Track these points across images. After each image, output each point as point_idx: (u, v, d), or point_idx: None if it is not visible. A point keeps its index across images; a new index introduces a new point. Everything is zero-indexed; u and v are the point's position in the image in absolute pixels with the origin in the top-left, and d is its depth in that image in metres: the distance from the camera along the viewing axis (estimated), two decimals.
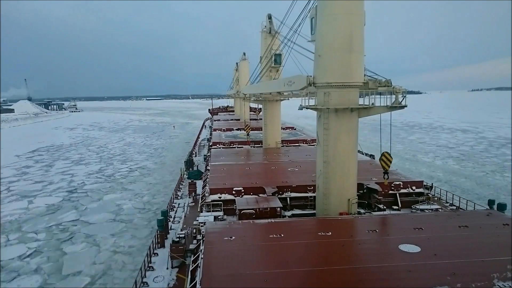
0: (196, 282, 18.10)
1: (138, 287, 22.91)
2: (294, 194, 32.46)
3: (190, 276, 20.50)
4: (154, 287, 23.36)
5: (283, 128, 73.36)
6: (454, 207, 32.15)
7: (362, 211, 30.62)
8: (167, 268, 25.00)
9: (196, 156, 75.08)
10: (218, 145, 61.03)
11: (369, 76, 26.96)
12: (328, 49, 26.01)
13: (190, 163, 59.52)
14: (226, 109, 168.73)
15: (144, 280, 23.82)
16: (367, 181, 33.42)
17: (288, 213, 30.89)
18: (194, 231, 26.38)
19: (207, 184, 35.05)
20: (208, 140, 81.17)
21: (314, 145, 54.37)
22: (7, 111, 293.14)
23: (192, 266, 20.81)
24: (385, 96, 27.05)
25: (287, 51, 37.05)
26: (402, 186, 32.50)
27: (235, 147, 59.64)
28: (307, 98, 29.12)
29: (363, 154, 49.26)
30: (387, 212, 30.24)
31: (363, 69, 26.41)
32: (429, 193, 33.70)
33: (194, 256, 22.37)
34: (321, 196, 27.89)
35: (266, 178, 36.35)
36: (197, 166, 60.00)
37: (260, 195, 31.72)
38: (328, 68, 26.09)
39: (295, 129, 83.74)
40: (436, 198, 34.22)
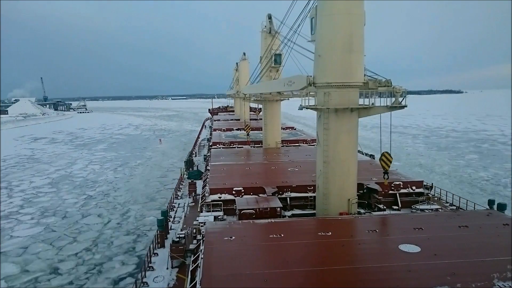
0: (196, 282, 18.10)
1: (138, 287, 22.92)
2: (294, 194, 32.45)
3: (190, 276, 20.50)
4: (154, 287, 23.36)
5: (283, 128, 73.35)
6: (454, 207, 32.14)
7: (362, 211, 30.61)
8: (167, 268, 25.00)
9: (196, 156, 75.16)
10: (218, 145, 61.04)
11: (369, 76, 26.96)
12: (328, 49, 26.01)
13: (190, 163, 59.57)
14: (226, 109, 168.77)
15: (144, 280, 23.82)
16: (367, 181, 33.41)
17: (288, 213, 30.88)
18: (194, 231, 26.38)
19: (207, 184, 35.05)
20: (208, 140, 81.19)
21: (314, 145, 54.35)
22: None
23: (192, 266, 20.81)
24: (386, 97, 27.06)
25: (287, 51, 37.07)
26: (402, 186, 32.49)
27: (235, 147, 59.64)
28: (306, 98, 29.12)
29: (363, 154, 49.26)
30: (387, 212, 30.23)
31: (363, 69, 26.41)
32: (429, 193, 33.69)
33: (194, 256, 22.37)
34: (321, 196, 27.88)
35: (266, 178, 36.35)
36: (197, 166, 60.03)
37: (260, 195, 31.71)
38: (328, 68, 26.09)
39: (295, 129, 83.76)
40: (436, 198, 34.21)
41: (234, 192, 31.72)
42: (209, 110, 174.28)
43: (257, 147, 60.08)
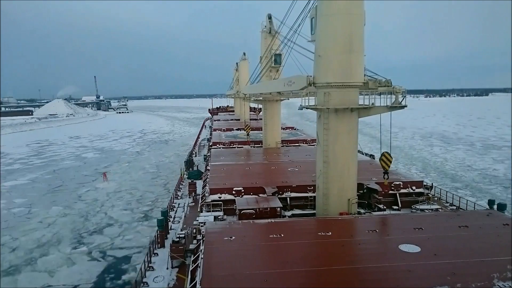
0: (196, 282, 18.10)
1: (138, 287, 22.91)
2: (294, 194, 32.45)
3: (190, 276, 20.50)
4: (154, 287, 23.35)
5: (283, 128, 73.36)
6: (454, 207, 32.14)
7: (362, 211, 30.61)
8: (167, 268, 24.98)
9: (196, 156, 75.14)
10: (218, 145, 61.05)
11: (369, 76, 26.96)
12: (328, 49, 26.00)
13: (190, 163, 59.57)
14: (226, 109, 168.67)
15: (144, 280, 23.80)
16: (367, 181, 33.41)
17: (288, 213, 30.88)
18: (194, 231, 26.38)
19: (207, 184, 35.05)
20: (208, 140, 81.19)
21: (314, 145, 54.35)
22: (22, 113, 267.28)
23: (192, 266, 20.81)
24: (386, 96, 27.03)
25: (287, 51, 37.06)
26: (402, 186, 32.49)
27: (235, 147, 59.65)
28: (306, 98, 29.11)
29: (363, 154, 49.26)
30: (387, 212, 30.23)
31: (363, 69, 26.41)
32: (429, 193, 33.69)
33: (194, 256, 22.36)
34: (321, 196, 27.88)
35: (266, 178, 36.35)
36: (197, 166, 60.02)
37: (260, 195, 31.71)
38: (328, 68, 26.08)
39: (295, 129, 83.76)
40: (436, 198, 34.21)
41: (234, 192, 31.72)
42: (209, 110, 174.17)
43: (257, 147, 60.08)
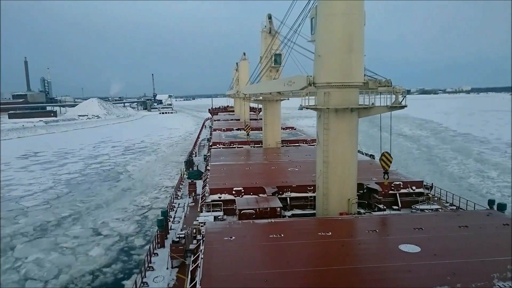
0: (196, 282, 18.10)
1: (138, 287, 22.91)
2: (294, 194, 32.44)
3: (190, 276, 20.50)
4: (154, 287, 23.36)
5: (283, 128, 73.36)
6: (454, 207, 32.12)
7: (362, 211, 30.61)
8: (167, 268, 24.98)
9: (196, 156, 75.09)
10: (218, 145, 61.03)
11: (369, 76, 26.97)
12: (328, 49, 26.00)
13: (190, 163, 59.55)
14: (226, 109, 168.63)
15: (144, 280, 23.80)
16: (367, 181, 33.40)
17: (288, 213, 30.88)
18: (194, 231, 26.39)
19: (207, 184, 35.03)
20: (208, 140, 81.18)
21: (314, 145, 54.34)
22: (43, 115, 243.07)
23: (192, 266, 20.81)
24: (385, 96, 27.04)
25: (287, 51, 37.03)
26: (402, 186, 32.48)
27: (235, 147, 59.63)
28: (306, 98, 29.11)
29: (363, 154, 49.26)
30: (387, 212, 30.22)
31: (363, 69, 26.40)
32: (429, 193, 33.67)
33: (194, 256, 22.36)
34: (321, 196, 27.88)
35: (266, 178, 36.33)
36: (197, 166, 59.99)
37: (260, 195, 31.70)
38: (328, 68, 26.08)
39: (295, 129, 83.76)
40: (436, 198, 34.18)
41: (234, 192, 31.71)
42: (209, 110, 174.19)
43: (257, 147, 60.07)
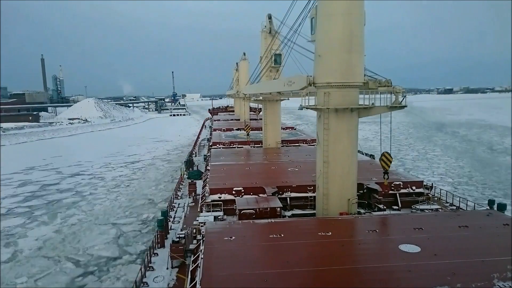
0: (196, 282, 18.10)
1: (138, 287, 22.91)
2: (294, 194, 32.44)
3: (190, 276, 20.51)
4: (154, 287, 23.36)
5: (283, 128, 73.34)
6: (454, 207, 32.13)
7: (362, 211, 30.61)
8: (167, 268, 24.99)
9: (196, 156, 75.11)
10: (218, 145, 61.02)
11: (369, 76, 26.97)
12: (328, 49, 26.00)
13: (190, 163, 59.56)
14: (226, 109, 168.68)
15: (144, 280, 23.82)
16: (367, 181, 33.40)
17: (288, 213, 30.88)
18: (194, 231, 26.38)
19: (207, 184, 35.03)
20: (208, 140, 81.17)
21: (314, 145, 54.34)
22: (23, 119, 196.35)
23: (192, 266, 20.82)
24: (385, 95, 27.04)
25: (287, 51, 37.08)
26: (402, 186, 32.49)
27: (235, 147, 59.61)
28: (307, 98, 29.13)
29: (363, 154, 49.25)
30: (387, 212, 30.22)
31: (363, 69, 26.40)
32: (429, 193, 33.68)
33: (194, 256, 22.37)
34: (321, 196, 27.87)
35: (266, 178, 36.32)
36: (197, 166, 60.02)
37: (260, 195, 31.70)
38: (328, 68, 26.08)
39: (295, 129, 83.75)
40: (436, 198, 34.21)
41: (234, 192, 31.71)
42: (209, 110, 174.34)
43: (257, 147, 60.07)
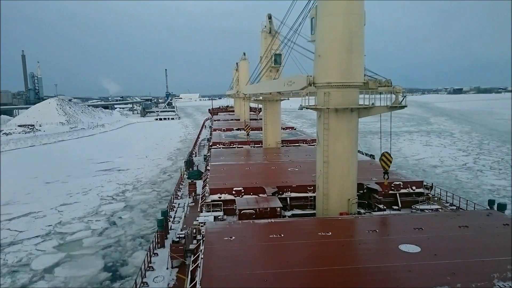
0: (196, 282, 18.10)
1: (138, 287, 22.92)
2: (294, 194, 32.44)
3: (190, 276, 20.52)
4: (154, 287, 23.36)
5: (283, 128, 73.34)
6: (454, 207, 32.13)
7: (362, 211, 30.61)
8: (167, 268, 24.99)
9: (196, 156, 75.10)
10: (218, 145, 61.02)
11: (369, 76, 26.97)
12: (328, 49, 26.00)
13: (190, 163, 59.55)
14: (226, 109, 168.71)
15: (144, 280, 23.82)
16: (367, 181, 33.41)
17: (288, 213, 30.88)
18: (194, 231, 26.40)
19: (207, 184, 35.04)
20: (208, 140, 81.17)
21: (314, 145, 54.34)
22: None
23: (192, 266, 20.84)
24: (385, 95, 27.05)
25: (287, 51, 37.08)
26: (402, 186, 32.49)
27: (235, 147, 59.62)
28: (307, 98, 29.14)
29: (363, 154, 49.25)
30: (387, 212, 30.22)
31: (363, 69, 26.40)
32: (429, 193, 33.67)
33: (194, 256, 22.38)
34: (321, 196, 27.87)
35: (266, 178, 36.33)
36: (197, 166, 60.01)
37: (260, 195, 31.70)
38: (328, 68, 26.08)
39: (295, 129, 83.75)
40: (436, 198, 34.20)
41: (234, 192, 31.71)
42: (209, 110, 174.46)
43: (257, 147, 60.08)
